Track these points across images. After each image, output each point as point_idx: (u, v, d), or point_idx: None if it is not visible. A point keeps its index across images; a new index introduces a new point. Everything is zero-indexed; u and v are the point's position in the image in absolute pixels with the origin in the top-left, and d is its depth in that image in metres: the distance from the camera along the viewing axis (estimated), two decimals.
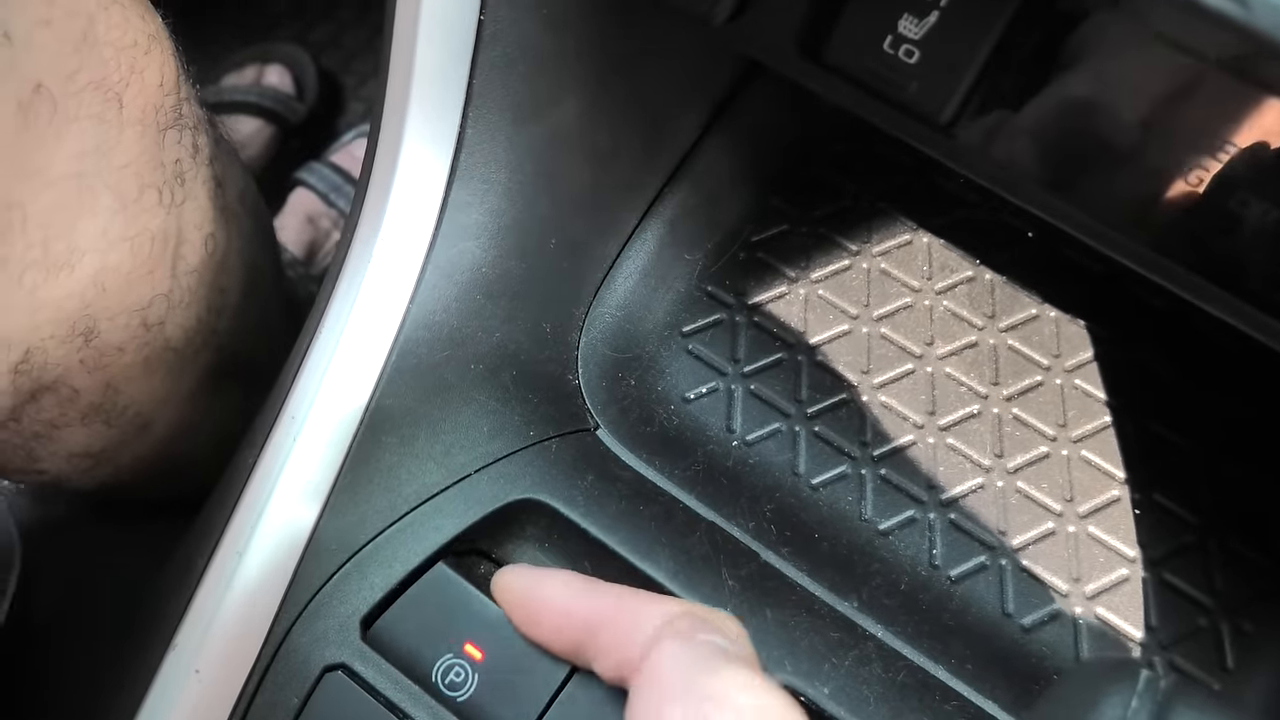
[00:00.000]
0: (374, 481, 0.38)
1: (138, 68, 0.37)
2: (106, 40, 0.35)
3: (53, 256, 0.35)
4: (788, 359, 0.47)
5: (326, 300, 0.37)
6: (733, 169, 0.49)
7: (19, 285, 0.34)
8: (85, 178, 0.35)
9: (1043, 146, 0.27)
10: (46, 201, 0.34)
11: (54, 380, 0.39)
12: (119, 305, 0.39)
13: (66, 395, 0.40)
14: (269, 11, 0.98)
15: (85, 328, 0.38)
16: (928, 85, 0.27)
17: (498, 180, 0.39)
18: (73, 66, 0.33)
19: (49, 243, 0.34)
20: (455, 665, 0.35)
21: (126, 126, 0.36)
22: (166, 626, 0.35)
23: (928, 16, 0.26)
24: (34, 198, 0.33)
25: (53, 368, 0.38)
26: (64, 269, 0.35)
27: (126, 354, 0.41)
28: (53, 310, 0.36)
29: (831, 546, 0.42)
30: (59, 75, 0.33)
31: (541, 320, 0.43)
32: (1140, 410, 0.46)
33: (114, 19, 0.35)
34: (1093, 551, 0.43)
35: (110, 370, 0.41)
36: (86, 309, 0.37)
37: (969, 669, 0.39)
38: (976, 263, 0.49)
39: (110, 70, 0.35)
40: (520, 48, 0.36)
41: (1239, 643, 0.41)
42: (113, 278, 0.38)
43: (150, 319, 0.41)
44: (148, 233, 0.39)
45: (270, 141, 0.88)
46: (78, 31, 0.34)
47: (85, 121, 0.34)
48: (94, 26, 0.34)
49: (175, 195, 0.40)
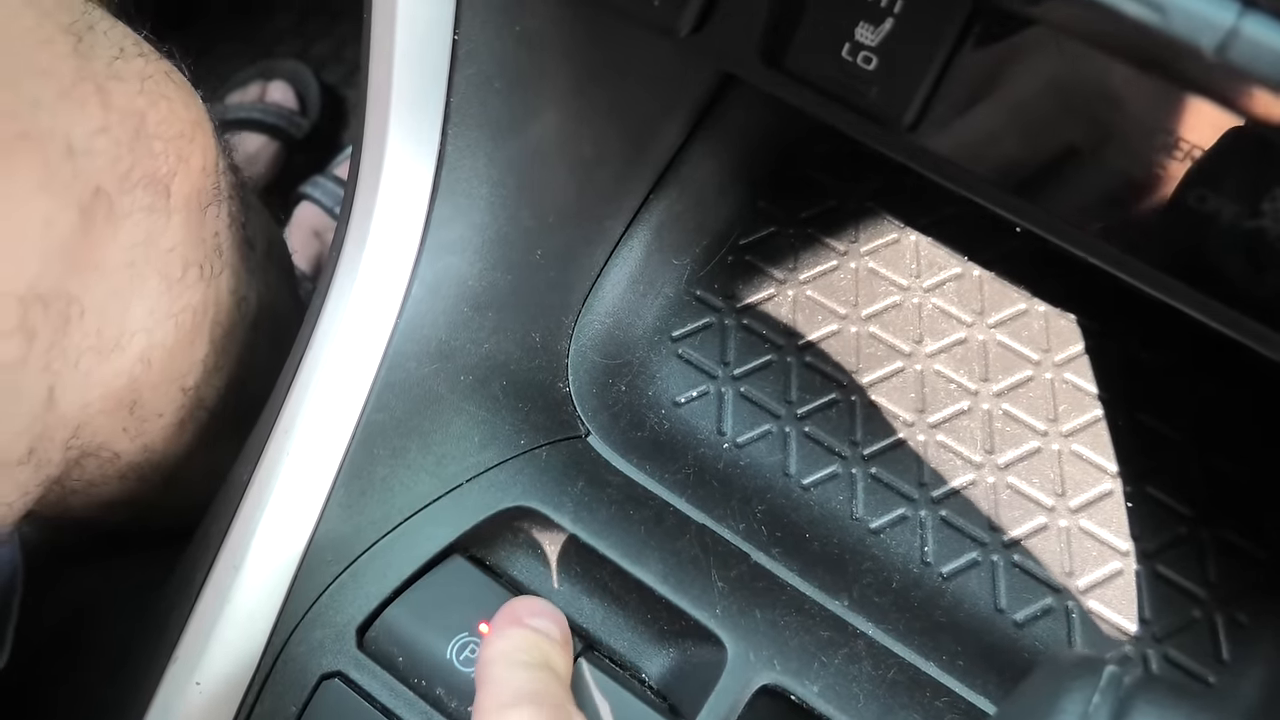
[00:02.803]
0: (367, 493, 0.39)
1: (184, 156, 0.38)
2: (156, 134, 0.36)
3: (105, 340, 0.36)
4: (777, 360, 0.47)
5: (315, 318, 0.38)
6: (718, 173, 0.50)
7: (76, 370, 0.35)
8: (136, 266, 0.37)
9: (1001, 148, 0.27)
10: (102, 292, 0.35)
11: (97, 447, 0.40)
12: (162, 377, 0.41)
13: (108, 458, 0.42)
14: (271, 29, 0.99)
15: (131, 400, 0.40)
16: (887, 90, 0.28)
17: (480, 195, 0.39)
18: (126, 166, 0.35)
19: (103, 329, 0.36)
20: (470, 643, 0.37)
21: (174, 213, 0.38)
22: (167, 641, 0.36)
23: (883, 24, 0.27)
24: (91, 291, 0.35)
25: (99, 437, 0.40)
26: (115, 350, 0.37)
27: (165, 417, 0.43)
28: (103, 389, 0.38)
29: (823, 546, 0.43)
30: (115, 176, 0.35)
31: (530, 330, 0.44)
32: (1131, 402, 0.46)
33: (163, 113, 0.37)
34: (1085, 545, 0.43)
35: (149, 434, 0.43)
36: (133, 384, 0.39)
37: (960, 665, 0.39)
38: (964, 259, 0.49)
39: (159, 163, 0.37)
40: (496, 65, 0.37)
41: (1234, 634, 0.41)
42: (158, 353, 0.40)
43: (188, 384, 0.43)
44: (190, 308, 0.41)
45: (275, 157, 0.89)
46: (131, 131, 0.35)
47: (138, 215, 0.36)
48: (145, 124, 0.36)
49: (214, 267, 0.42)
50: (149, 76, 0.37)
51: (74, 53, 0.34)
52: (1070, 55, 0.22)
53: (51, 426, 0.36)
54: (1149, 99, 0.21)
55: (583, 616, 0.40)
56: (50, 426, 0.36)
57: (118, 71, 0.35)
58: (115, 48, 0.36)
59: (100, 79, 0.34)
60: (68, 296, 0.34)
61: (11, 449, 0.34)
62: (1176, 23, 0.19)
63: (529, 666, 0.32)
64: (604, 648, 0.39)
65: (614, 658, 0.39)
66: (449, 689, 0.36)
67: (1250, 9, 0.19)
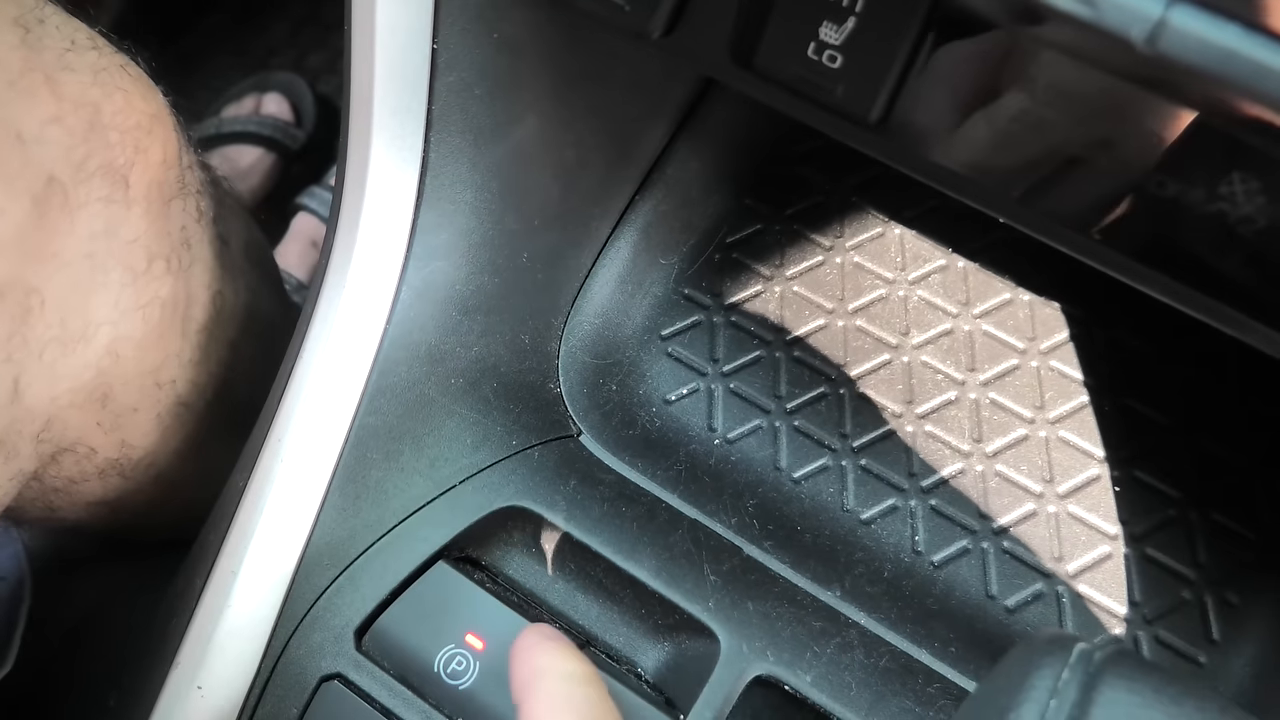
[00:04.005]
0: (362, 497, 0.39)
1: (142, 147, 0.38)
2: (112, 125, 0.37)
3: (70, 332, 0.37)
4: (766, 356, 0.48)
5: (305, 326, 0.39)
6: (703, 172, 0.50)
7: (40, 361, 0.36)
8: (96, 257, 0.37)
9: (967, 142, 0.28)
10: (62, 283, 0.35)
11: (72, 442, 0.41)
12: (133, 370, 0.41)
13: (84, 454, 0.42)
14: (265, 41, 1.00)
15: (102, 393, 0.40)
16: (852, 88, 0.28)
17: (464, 200, 0.40)
18: (81, 155, 0.35)
19: (66, 320, 0.36)
20: (457, 655, 0.37)
21: (133, 204, 0.38)
22: (169, 646, 0.37)
23: (845, 23, 0.27)
24: (50, 281, 0.35)
25: (72, 431, 0.40)
26: (80, 342, 0.37)
27: (140, 413, 0.43)
28: (71, 381, 0.38)
29: (814, 538, 0.43)
30: (69, 165, 0.35)
31: (520, 332, 0.44)
32: (1117, 388, 0.46)
33: (118, 104, 0.37)
34: (1074, 530, 0.44)
35: (125, 429, 0.43)
36: (102, 376, 0.39)
37: (953, 651, 0.40)
38: (948, 251, 0.49)
39: (116, 154, 0.37)
40: (475, 72, 0.37)
41: (1224, 614, 0.42)
42: (126, 345, 0.40)
43: (162, 378, 0.43)
44: (158, 300, 0.41)
45: (271, 169, 0.90)
46: (85, 121, 0.35)
47: (95, 205, 0.36)
48: (99, 114, 0.36)
49: (182, 261, 0.42)
50: (103, 69, 0.37)
51: (21, 44, 0.34)
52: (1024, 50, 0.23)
53: (19, 419, 0.36)
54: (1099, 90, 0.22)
55: (578, 613, 0.40)
56: (17, 419, 0.36)
57: (69, 63, 0.35)
58: (66, 40, 0.36)
59: (50, 69, 0.34)
60: (25, 286, 0.34)
61: None
62: (1107, 15, 0.19)
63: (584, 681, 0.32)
64: (599, 643, 0.40)
65: (609, 653, 0.40)
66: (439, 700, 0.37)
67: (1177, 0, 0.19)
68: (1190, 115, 0.21)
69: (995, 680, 0.24)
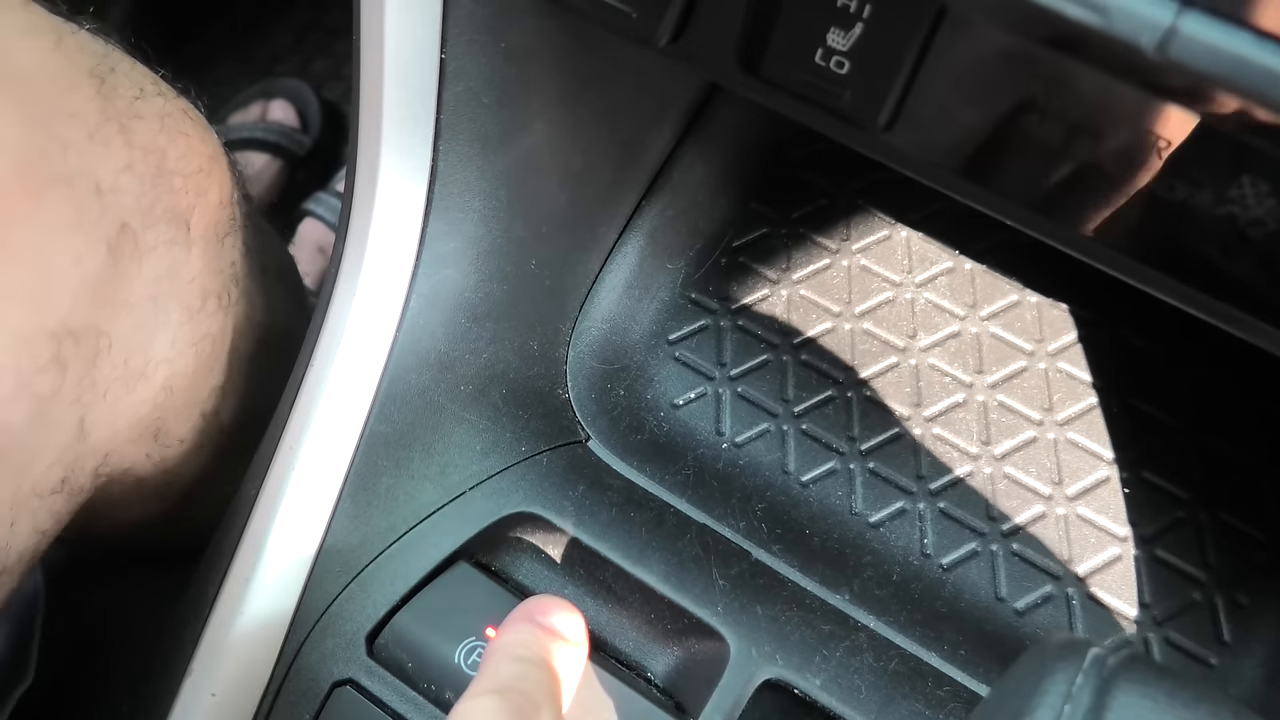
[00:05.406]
0: (373, 504, 0.40)
1: (202, 190, 0.39)
2: (176, 170, 0.38)
3: (131, 371, 0.38)
4: (774, 360, 0.48)
5: (316, 334, 0.39)
6: (709, 176, 0.50)
7: (104, 401, 0.37)
8: (160, 299, 0.38)
9: (975, 145, 0.28)
10: (128, 325, 0.36)
11: (122, 473, 0.42)
12: (184, 403, 0.42)
13: (131, 483, 0.43)
14: (270, 47, 1.01)
15: (155, 428, 0.41)
16: (860, 93, 0.28)
17: (473, 208, 0.40)
18: (149, 201, 0.36)
19: (129, 360, 0.37)
20: (478, 647, 0.38)
21: (193, 245, 0.39)
22: (182, 653, 0.37)
23: (853, 29, 0.27)
24: (118, 323, 0.36)
25: (125, 463, 0.41)
26: (140, 380, 0.38)
27: (186, 443, 0.44)
28: (130, 418, 0.39)
29: (823, 541, 0.43)
30: (138, 211, 0.36)
31: (528, 338, 0.45)
32: (1125, 389, 0.46)
33: (181, 149, 0.38)
34: (1083, 532, 0.44)
35: (170, 458, 0.44)
36: (157, 411, 0.40)
37: (962, 654, 0.40)
38: (955, 253, 0.49)
39: (180, 198, 0.38)
40: (483, 81, 0.37)
41: (1234, 615, 0.42)
42: (180, 381, 0.41)
43: (208, 409, 0.44)
44: (209, 336, 0.42)
45: (278, 175, 0.90)
46: (153, 168, 0.36)
47: (161, 249, 0.37)
48: (165, 160, 0.37)
49: (231, 296, 0.43)
50: (168, 114, 0.38)
51: (98, 94, 0.35)
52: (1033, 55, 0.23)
53: (83, 456, 0.37)
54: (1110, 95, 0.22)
55: (587, 618, 0.40)
56: (81, 456, 0.37)
57: (139, 110, 0.36)
58: (136, 88, 0.37)
59: (123, 119, 0.35)
60: (97, 330, 0.35)
61: (46, 479, 0.35)
62: (1117, 23, 0.19)
63: (519, 661, 0.33)
64: (609, 648, 0.40)
65: (619, 658, 0.40)
66: (458, 693, 0.37)
67: (1187, 7, 0.19)
68: (1199, 120, 0.21)
69: (1008, 686, 0.24)
